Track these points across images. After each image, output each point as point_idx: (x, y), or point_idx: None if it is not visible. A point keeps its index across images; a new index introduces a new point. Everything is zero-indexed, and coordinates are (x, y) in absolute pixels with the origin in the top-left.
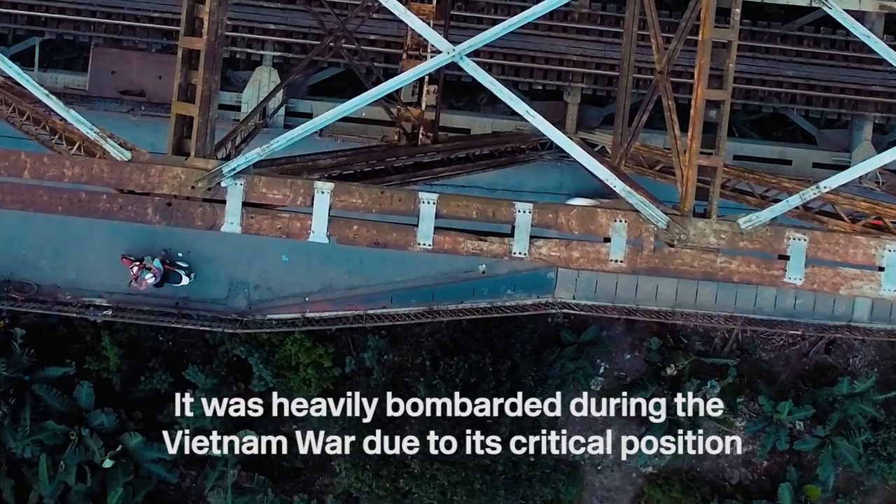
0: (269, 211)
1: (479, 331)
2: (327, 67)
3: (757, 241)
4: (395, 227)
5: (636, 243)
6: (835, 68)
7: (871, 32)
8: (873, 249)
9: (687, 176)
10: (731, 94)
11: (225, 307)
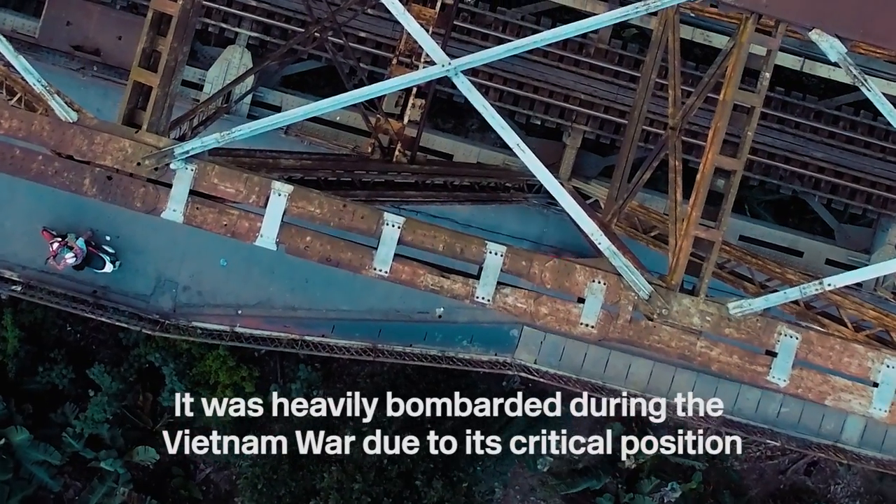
0: (218, 205)
1: (424, 382)
2: (307, 59)
3: (744, 330)
4: (351, 245)
5: (612, 310)
6: (869, 158)
7: None
8: (870, 362)
9: (680, 246)
10: (744, 166)
11: (147, 305)
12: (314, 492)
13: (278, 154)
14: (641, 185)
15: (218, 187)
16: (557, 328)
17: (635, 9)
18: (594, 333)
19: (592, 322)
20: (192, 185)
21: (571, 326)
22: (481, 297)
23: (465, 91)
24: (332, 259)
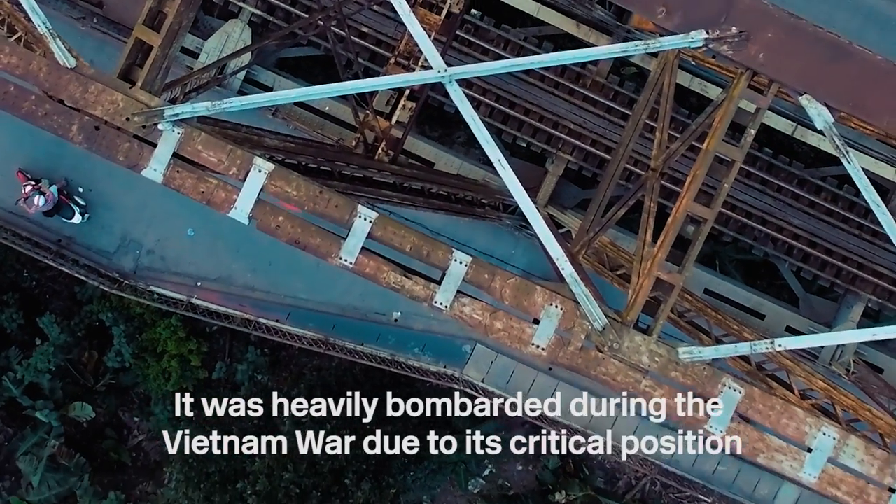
0: (198, 171)
1: (370, 384)
2: (305, 45)
3: (690, 376)
4: (321, 232)
5: (565, 336)
6: (845, 233)
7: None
8: (808, 427)
9: (641, 284)
10: (715, 216)
11: (109, 262)
12: (244, 474)
13: (263, 132)
14: (614, 222)
15: (201, 154)
16: (509, 345)
17: (635, 46)
18: (544, 356)
19: (544, 344)
20: (176, 147)
21: (522, 345)
22: (440, 302)
23: (456, 100)
24: (301, 242)
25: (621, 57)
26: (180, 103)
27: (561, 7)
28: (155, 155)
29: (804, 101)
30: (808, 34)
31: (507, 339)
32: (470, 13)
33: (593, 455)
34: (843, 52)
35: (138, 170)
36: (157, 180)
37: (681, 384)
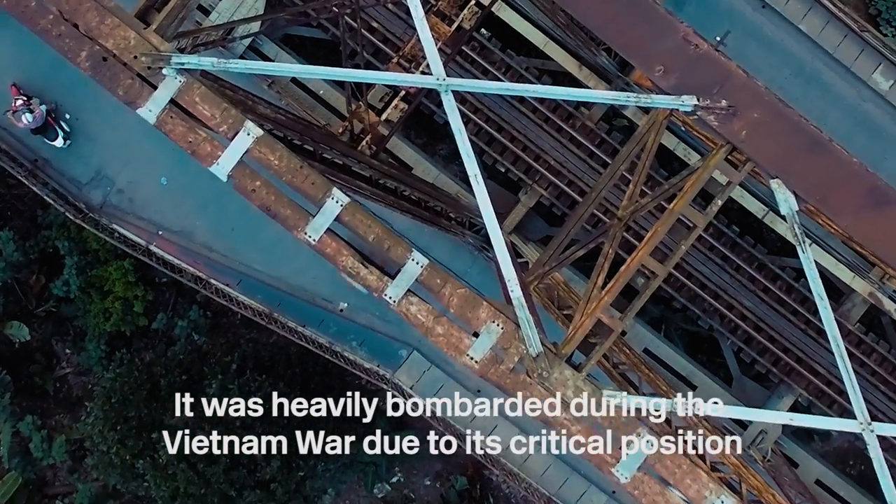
0: (190, 121)
1: (302, 366)
2: (315, 27)
3: (609, 419)
4: (293, 205)
5: (499, 354)
6: (791, 325)
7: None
8: (708, 492)
9: (582, 322)
10: (666, 274)
11: (79, 192)
12: (161, 426)
13: (258, 100)
14: (571, 260)
15: (196, 106)
16: (445, 350)
17: (627, 97)
18: (476, 368)
19: (478, 358)
20: (174, 94)
21: (458, 354)
22: (390, 295)
23: (448, 110)
24: (272, 210)
25: (614, 106)
26: (187, 54)
27: (568, 46)
28: (153, 97)
29: (774, 185)
30: (792, 122)
31: (444, 344)
32: (479, 32)
33: (502, 486)
34: (821, 147)
35: (134, 107)
36: (150, 121)
37: (598, 423)
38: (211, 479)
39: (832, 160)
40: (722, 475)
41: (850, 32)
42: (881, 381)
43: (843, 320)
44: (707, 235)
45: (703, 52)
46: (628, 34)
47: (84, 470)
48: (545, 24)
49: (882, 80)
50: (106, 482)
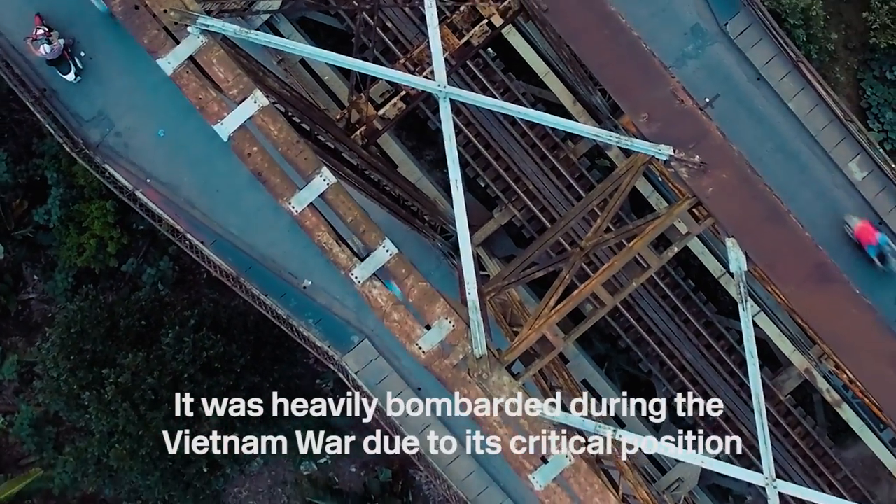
0: (204, 80)
1: (257, 334)
2: (332, 15)
3: (535, 429)
4: (283, 175)
5: (446, 349)
6: (726, 384)
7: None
8: None
9: (528, 334)
10: (614, 305)
11: (79, 127)
12: (114, 363)
13: (267, 72)
14: (530, 279)
15: (212, 67)
16: (397, 336)
17: (609, 136)
18: (422, 358)
19: (426, 348)
20: (194, 52)
21: (408, 341)
22: (356, 275)
23: (443, 115)
24: (263, 176)
25: (598, 146)
26: (213, 17)
27: (567, 80)
28: (175, 51)
29: (729, 243)
30: (756, 189)
31: (397, 330)
32: (486, 50)
33: (424, 486)
34: (779, 217)
35: (155, 57)
36: (167, 72)
37: (524, 431)
38: (150, 423)
39: (787, 231)
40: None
41: (835, 119)
42: (800, 455)
43: (776, 389)
44: (663, 284)
45: (687, 108)
46: (622, 78)
47: (30, 393)
48: (549, 55)
49: (857, 169)
50: (49, 408)
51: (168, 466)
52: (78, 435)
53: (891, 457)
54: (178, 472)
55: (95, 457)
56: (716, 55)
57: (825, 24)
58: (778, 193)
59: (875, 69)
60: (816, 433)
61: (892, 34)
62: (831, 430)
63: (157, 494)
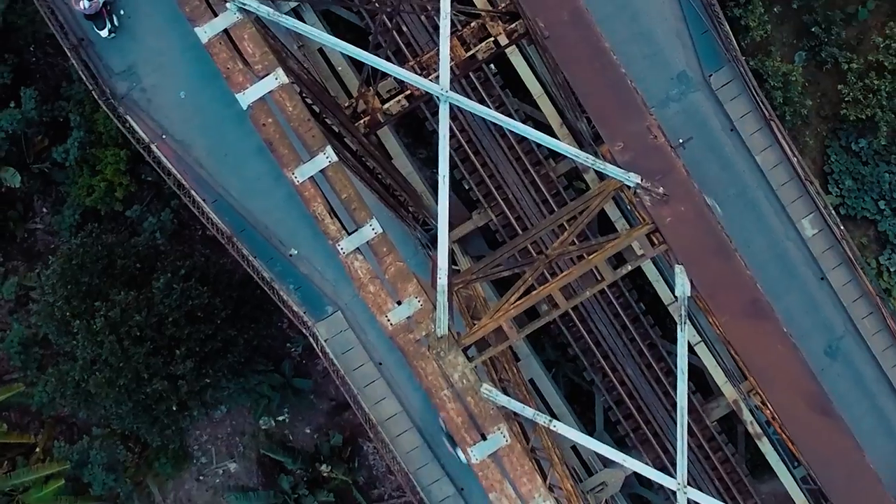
0: (234, 52)
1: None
2: (354, 12)
3: (480, 407)
4: (291, 147)
5: (412, 325)
6: (659, 403)
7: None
8: (537, 494)
9: (486, 324)
10: (567, 308)
11: (108, 78)
12: (106, 298)
13: (290, 55)
14: (495, 276)
15: (243, 42)
16: (370, 306)
17: (586, 157)
18: (389, 329)
19: (394, 321)
20: (229, 26)
21: (379, 312)
22: (342, 246)
23: (441, 117)
24: (273, 145)
25: (577, 169)
26: None
27: (558, 103)
28: (212, 22)
29: (678, 269)
30: (709, 225)
31: (371, 301)
32: (488, 65)
33: (370, 456)
34: (726, 253)
35: (194, 25)
36: (203, 40)
37: (471, 409)
38: (132, 357)
39: (731, 267)
40: (555, 495)
41: (796, 177)
42: (717, 477)
43: (704, 414)
44: (616, 303)
45: (659, 143)
46: (605, 108)
47: (24, 314)
48: (545, 79)
49: (808, 227)
50: (41, 330)
51: (141, 400)
52: (62, 359)
53: (801, 494)
54: (149, 407)
55: (75, 381)
56: (696, 102)
57: (802, 91)
58: (732, 235)
59: (842, 138)
60: (735, 460)
61: (862, 108)
62: (751, 462)
63: (126, 424)
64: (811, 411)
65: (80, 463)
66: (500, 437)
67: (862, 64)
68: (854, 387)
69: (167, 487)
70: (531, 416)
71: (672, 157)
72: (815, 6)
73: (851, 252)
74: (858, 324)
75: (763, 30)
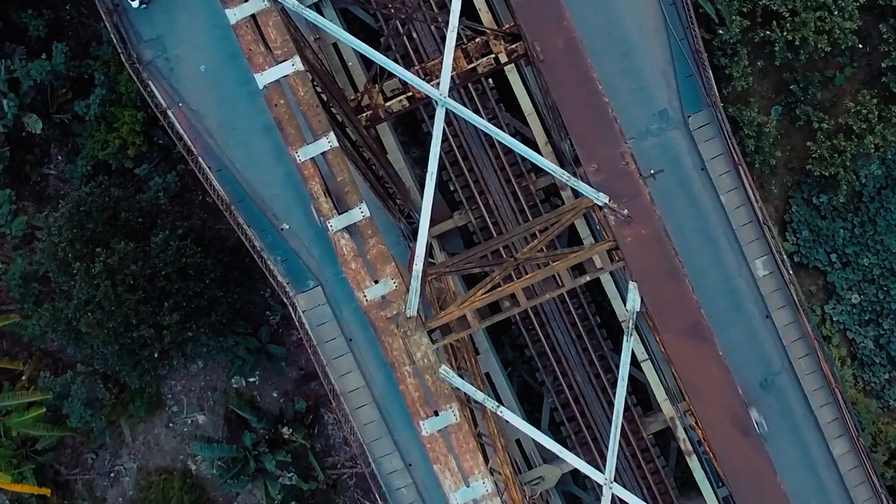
0: (257, 35)
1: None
2: (370, 14)
3: (436, 386)
4: (298, 128)
5: (385, 303)
6: (602, 411)
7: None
8: (477, 472)
9: (452, 311)
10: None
11: (137, 44)
12: (107, 245)
13: (307, 45)
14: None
15: (267, 28)
16: (350, 282)
17: (563, 173)
18: (364, 304)
19: (370, 297)
20: (256, 11)
21: (357, 288)
22: (332, 224)
23: (436, 119)
24: (282, 125)
25: (556, 185)
26: None
27: (545, 123)
28: (242, 6)
29: (631, 285)
30: (665, 250)
31: (351, 276)
32: (486, 79)
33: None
34: (676, 277)
35: (225, 6)
36: (231, 21)
37: (427, 386)
38: (124, 303)
39: (679, 290)
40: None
41: (755, 221)
42: (646, 486)
43: (642, 427)
44: (575, 313)
45: (629, 169)
46: (585, 131)
47: (28, 251)
48: (537, 99)
49: (761, 267)
50: (41, 268)
51: (126, 344)
52: (58, 297)
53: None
54: (133, 351)
55: (68, 318)
56: (673, 139)
57: (774, 142)
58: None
59: (805, 191)
60: (664, 473)
61: (826, 166)
62: (680, 479)
63: (109, 364)
64: (734, 429)
65: (62, 395)
66: (451, 414)
67: (832, 125)
68: (783, 420)
69: (138, 429)
70: (481, 399)
71: (640, 184)
72: (797, 66)
73: (797, 296)
74: (795, 363)
75: (745, 81)
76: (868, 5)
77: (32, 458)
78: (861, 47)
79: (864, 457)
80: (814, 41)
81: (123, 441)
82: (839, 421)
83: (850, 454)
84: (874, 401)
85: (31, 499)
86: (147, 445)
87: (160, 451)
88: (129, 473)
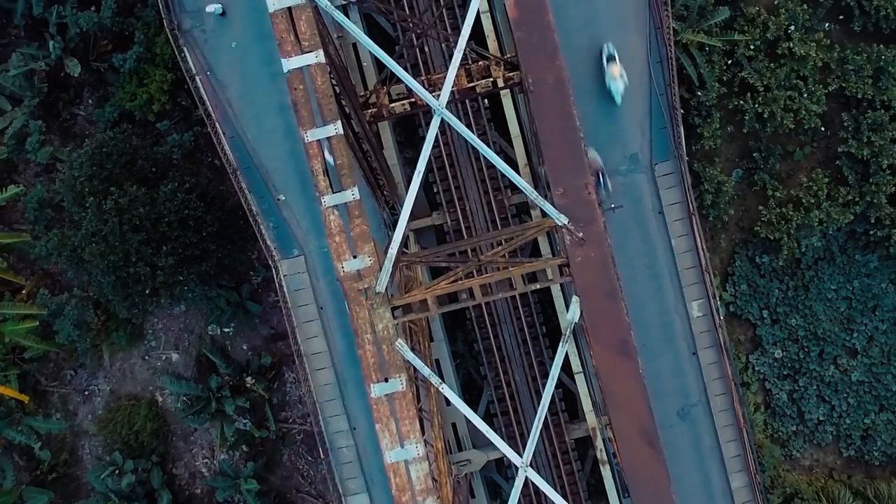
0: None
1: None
2: (390, 23)
3: (391, 356)
4: (311, 111)
5: (360, 277)
6: (533, 412)
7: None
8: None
9: (416, 294)
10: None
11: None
12: (120, 186)
13: (331, 41)
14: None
15: (300, 21)
16: (331, 252)
17: (534, 191)
18: (340, 274)
19: (346, 269)
20: (292, 5)
21: (337, 259)
22: (326, 200)
23: (431, 126)
24: (298, 106)
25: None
26: None
27: (528, 146)
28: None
29: (574, 299)
30: (609, 274)
31: (333, 248)
32: (482, 99)
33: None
34: (615, 298)
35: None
36: (269, 9)
37: (384, 355)
38: (127, 240)
39: (615, 309)
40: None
41: (698, 266)
42: (559, 485)
43: (566, 432)
44: (524, 319)
45: (590, 199)
46: (558, 159)
47: (47, 180)
48: (524, 123)
49: (696, 309)
50: (57, 196)
51: (123, 277)
52: (68, 225)
53: None
54: (128, 285)
55: (74, 246)
56: (638, 181)
57: (729, 200)
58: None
59: (750, 250)
60: (579, 477)
61: (773, 231)
62: (592, 487)
63: (104, 293)
64: (641, 439)
65: (55, 313)
66: (398, 383)
67: (785, 195)
68: (691, 448)
69: (116, 356)
70: (427, 374)
71: (597, 213)
72: (762, 136)
73: (724, 339)
74: (711, 399)
75: (713, 142)
76: (835, 93)
77: (18, 365)
78: (823, 130)
79: (758, 493)
80: (781, 117)
81: (102, 364)
82: (741, 458)
83: (747, 489)
84: (779, 448)
85: (10, 401)
86: (122, 372)
87: (133, 379)
88: (101, 394)
